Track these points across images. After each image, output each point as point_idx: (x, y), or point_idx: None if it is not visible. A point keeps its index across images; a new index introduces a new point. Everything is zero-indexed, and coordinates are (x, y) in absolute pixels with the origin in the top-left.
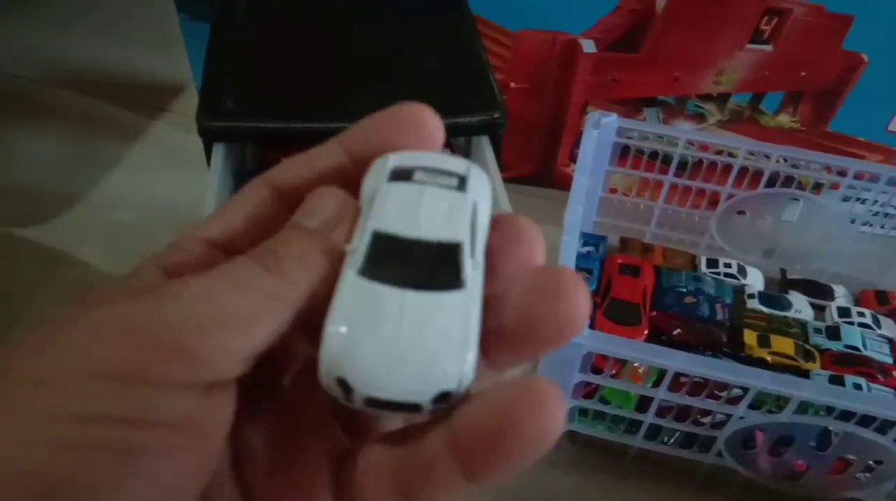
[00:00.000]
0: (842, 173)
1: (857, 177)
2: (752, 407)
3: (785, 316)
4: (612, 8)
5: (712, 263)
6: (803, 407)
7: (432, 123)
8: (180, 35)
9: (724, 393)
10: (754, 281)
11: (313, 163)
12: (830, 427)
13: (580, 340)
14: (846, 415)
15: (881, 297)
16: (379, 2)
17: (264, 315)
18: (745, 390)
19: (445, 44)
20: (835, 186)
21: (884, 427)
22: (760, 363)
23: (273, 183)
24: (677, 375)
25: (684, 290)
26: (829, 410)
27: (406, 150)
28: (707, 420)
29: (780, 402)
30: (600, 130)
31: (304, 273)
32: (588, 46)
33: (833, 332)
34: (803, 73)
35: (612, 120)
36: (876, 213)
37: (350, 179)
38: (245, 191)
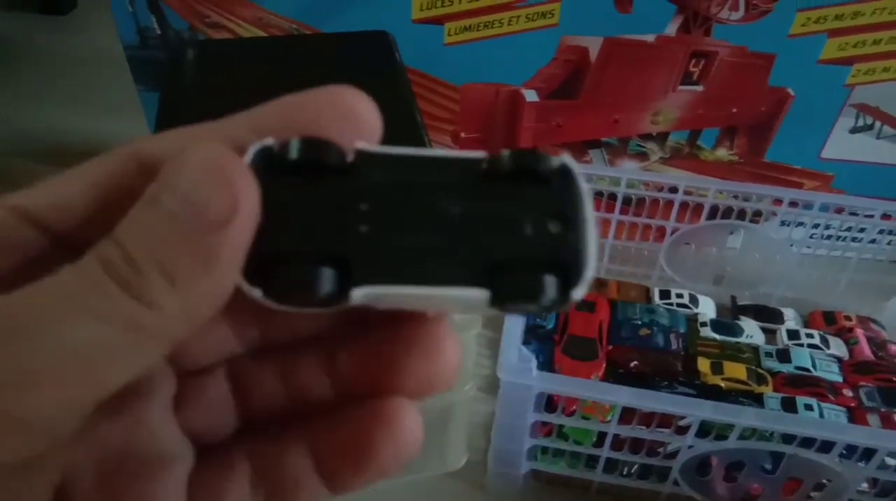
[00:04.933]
0: (777, 202)
1: (792, 204)
2: (700, 435)
3: (737, 342)
4: (549, 59)
5: (665, 294)
6: (747, 433)
7: (365, 109)
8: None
9: (673, 423)
10: (706, 309)
11: (201, 136)
12: (776, 450)
13: (530, 382)
14: (789, 438)
15: (829, 317)
16: (317, 67)
17: (123, 353)
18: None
19: (381, 108)
20: (773, 213)
21: (825, 447)
22: (715, 389)
23: (141, 152)
24: (628, 408)
25: (639, 322)
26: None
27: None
28: (661, 450)
29: (725, 429)
30: None
31: (176, 299)
32: (530, 96)
33: (783, 355)
34: (734, 110)
35: None
36: (815, 236)
37: None
38: (95, 160)
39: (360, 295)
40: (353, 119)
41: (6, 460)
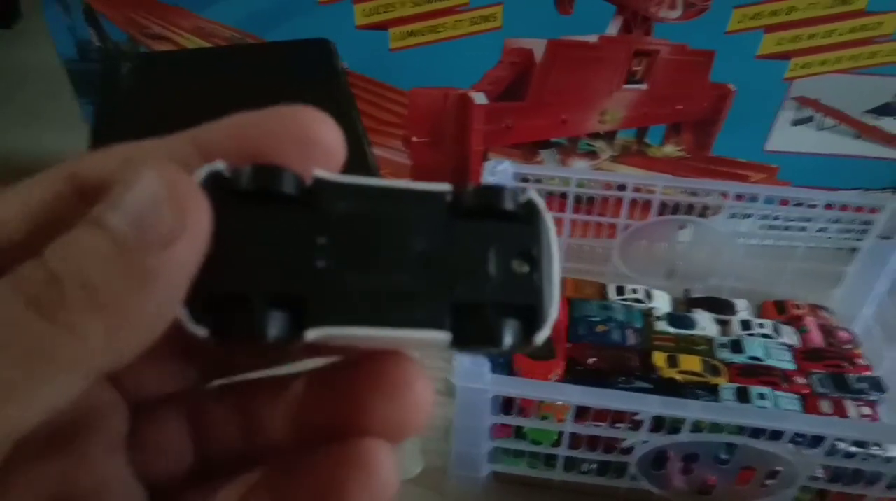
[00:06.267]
0: (723, 195)
1: (738, 197)
2: (655, 429)
3: (691, 335)
4: (495, 62)
5: (620, 290)
6: (698, 425)
7: (325, 134)
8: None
9: (628, 419)
10: (661, 303)
11: (144, 155)
12: (728, 441)
13: (484, 386)
14: (740, 428)
15: (779, 307)
16: (257, 77)
17: (31, 387)
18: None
19: None
20: (721, 207)
21: (774, 435)
22: (671, 383)
23: (77, 173)
24: (582, 407)
25: (596, 319)
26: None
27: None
28: (618, 446)
29: (677, 423)
30: (496, 177)
31: (101, 323)
32: (479, 98)
33: (736, 345)
34: (679, 106)
35: (506, 166)
36: (762, 227)
37: None
38: (27, 182)
39: (314, 335)
40: (310, 144)
41: None
